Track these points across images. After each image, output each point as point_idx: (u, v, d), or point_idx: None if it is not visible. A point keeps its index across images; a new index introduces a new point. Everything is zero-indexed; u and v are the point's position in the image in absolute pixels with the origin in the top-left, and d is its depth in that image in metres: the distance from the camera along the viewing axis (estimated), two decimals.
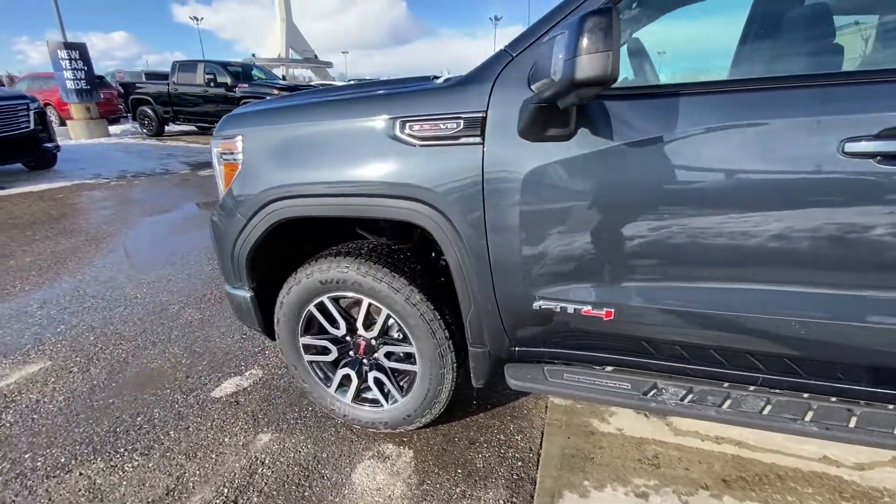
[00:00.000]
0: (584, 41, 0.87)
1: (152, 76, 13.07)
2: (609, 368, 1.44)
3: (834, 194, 1.03)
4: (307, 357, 1.76)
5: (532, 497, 1.48)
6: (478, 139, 1.24)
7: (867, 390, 1.20)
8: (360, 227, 1.95)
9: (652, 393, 1.35)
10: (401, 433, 1.77)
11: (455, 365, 1.56)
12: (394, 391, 1.68)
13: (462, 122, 1.25)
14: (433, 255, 1.91)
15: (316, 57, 65.31)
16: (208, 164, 8.03)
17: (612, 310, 1.26)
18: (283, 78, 14.80)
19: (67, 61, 10.19)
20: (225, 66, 10.33)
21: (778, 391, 1.27)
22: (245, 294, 1.74)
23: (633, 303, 1.25)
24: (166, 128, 11.75)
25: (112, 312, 2.79)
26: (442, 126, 1.27)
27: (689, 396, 1.32)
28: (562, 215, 1.22)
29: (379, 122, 1.34)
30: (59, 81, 10.41)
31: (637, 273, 1.23)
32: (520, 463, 1.63)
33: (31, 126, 6.46)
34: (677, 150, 1.11)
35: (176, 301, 2.94)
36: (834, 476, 1.52)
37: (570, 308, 1.30)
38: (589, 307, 1.28)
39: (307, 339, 1.74)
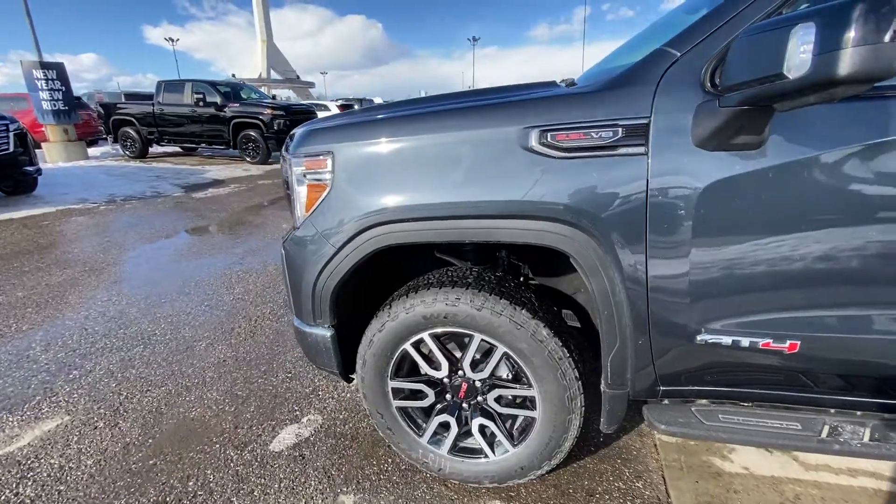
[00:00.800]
0: (855, 32, 0.72)
1: (133, 97, 12.63)
2: (753, 405, 1.27)
3: None
4: (396, 403, 1.53)
5: None
6: (641, 149, 1.07)
7: None
8: (439, 250, 1.76)
9: (828, 433, 1.18)
10: (505, 487, 1.54)
11: (584, 410, 1.36)
12: (504, 440, 1.46)
13: (621, 129, 1.08)
14: (523, 280, 1.73)
15: (298, 77, 65.09)
16: (203, 186, 7.69)
17: (798, 342, 1.10)
18: (273, 98, 14.52)
19: (44, 81, 9.71)
20: (214, 85, 10.03)
21: None
22: (325, 333, 1.51)
23: (822, 333, 1.09)
24: (150, 149, 11.29)
25: (130, 353, 2.48)
26: (594, 135, 1.10)
27: (870, 434, 1.16)
28: (745, 235, 1.06)
29: (510, 132, 1.16)
30: (35, 102, 9.89)
31: (831, 299, 1.07)
32: None
33: (11, 148, 6.03)
34: (885, 159, 0.97)
35: (202, 337, 2.65)
36: None
37: (746, 341, 1.12)
38: (770, 340, 1.11)
39: (398, 383, 1.51)
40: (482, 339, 1.36)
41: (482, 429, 1.49)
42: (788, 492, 1.48)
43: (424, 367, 1.47)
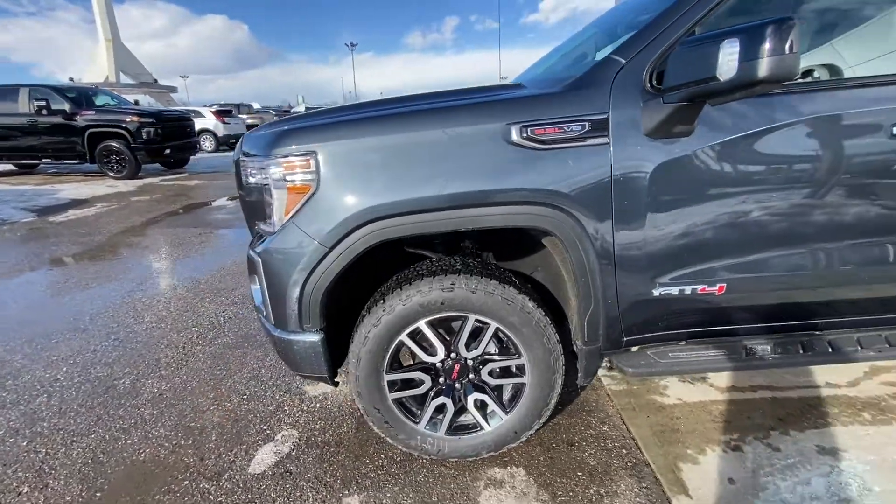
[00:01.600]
0: (769, 45, 1.00)
1: None
2: (693, 342, 1.59)
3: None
4: (392, 395, 1.57)
5: (656, 477, 1.55)
6: (604, 139, 1.29)
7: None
8: (408, 244, 1.82)
9: (748, 354, 1.54)
10: (500, 454, 1.67)
11: (564, 368, 1.56)
12: (497, 409, 1.59)
13: (588, 123, 1.29)
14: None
15: (156, 81, 57.18)
16: (60, 208, 6.47)
17: (725, 284, 1.42)
18: (136, 103, 12.67)
19: None
20: (59, 90, 8.43)
21: (836, 331, 1.57)
22: (313, 338, 1.48)
23: (741, 275, 1.42)
24: None
25: (33, 405, 2.07)
26: (566, 129, 1.29)
27: (776, 349, 1.54)
28: (683, 205, 1.34)
29: (495, 128, 1.30)
30: None
31: (745, 248, 1.40)
32: (625, 450, 1.68)
33: None
34: (777, 140, 1.32)
35: (121, 374, 2.31)
36: (843, 395, 1.91)
37: (688, 289, 1.42)
38: (705, 286, 1.42)
39: (393, 375, 1.55)
40: (476, 319, 1.47)
41: (476, 403, 1.60)
42: (715, 411, 1.86)
43: (420, 355, 1.53)
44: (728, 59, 1.06)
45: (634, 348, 1.57)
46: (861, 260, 1.45)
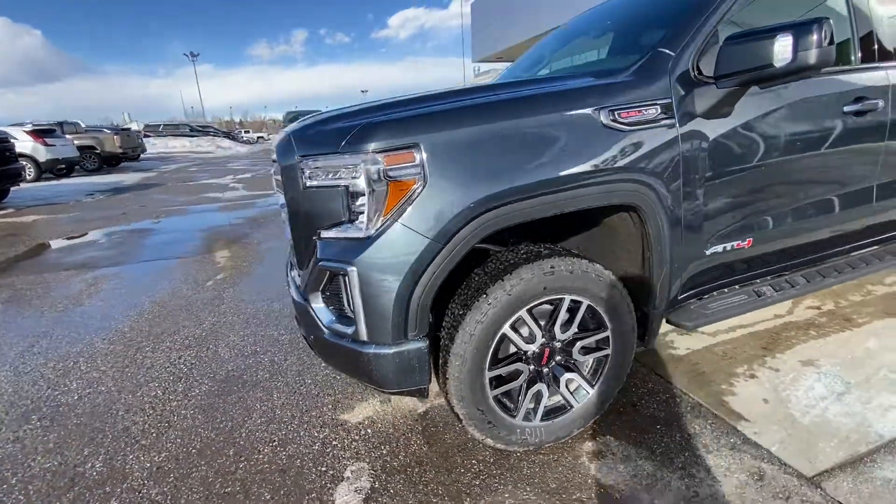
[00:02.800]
0: (816, 37, 1.27)
1: None
2: (724, 292, 1.89)
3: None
4: (493, 393, 1.52)
5: (713, 413, 1.79)
6: (672, 121, 1.47)
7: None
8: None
9: (758, 295, 1.88)
10: (588, 427, 1.74)
11: (636, 333, 1.70)
12: (584, 385, 1.66)
13: (659, 107, 1.45)
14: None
15: None
16: None
17: (752, 238, 1.72)
18: None
19: None
20: None
21: (821, 264, 2.01)
22: (419, 345, 1.37)
23: (764, 229, 1.74)
24: None
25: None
26: (644, 112, 1.44)
27: (778, 287, 1.91)
28: (728, 174, 1.59)
29: (589, 112, 1.38)
30: None
31: (766, 207, 1.72)
32: (677, 398, 1.89)
33: None
34: (786, 117, 1.66)
35: (80, 457, 1.76)
36: (790, 322, 2.44)
37: (729, 246, 1.69)
38: (739, 241, 1.70)
39: (495, 371, 1.50)
40: (571, 300, 1.52)
41: (568, 383, 1.64)
42: (717, 351, 2.21)
43: (520, 345, 1.52)
44: (783, 50, 1.32)
45: (685, 305, 1.79)
46: (836, 207, 1.90)
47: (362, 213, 1.30)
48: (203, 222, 6.33)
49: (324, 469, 1.66)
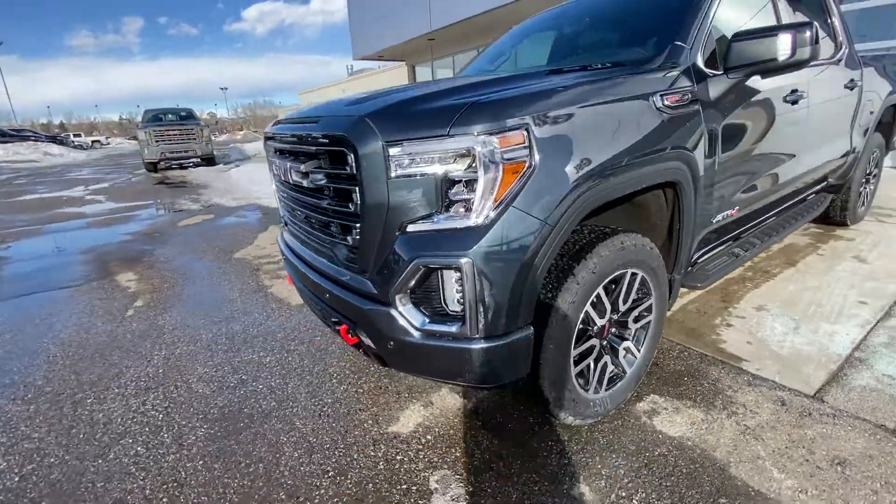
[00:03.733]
0: (809, 36, 1.56)
1: None
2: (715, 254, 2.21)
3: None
4: (575, 370, 1.56)
5: (717, 358, 2.07)
6: (697, 105, 1.67)
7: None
8: None
9: (736, 255, 2.23)
10: (640, 385, 1.87)
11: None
12: (634, 351, 1.79)
13: (688, 93, 1.64)
14: None
15: None
16: None
17: (738, 208, 2.04)
18: None
19: None
20: None
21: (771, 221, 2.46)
22: (527, 333, 1.35)
23: (743, 198, 2.06)
24: None
25: None
26: (679, 97, 1.61)
27: (746, 248, 2.29)
28: (732, 152, 1.86)
29: (644, 98, 1.50)
30: None
31: (749, 177, 2.05)
32: (685, 352, 2.15)
33: None
34: (757, 108, 1.98)
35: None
36: (733, 277, 2.93)
37: (726, 214, 1.97)
38: (731, 210, 2.00)
39: (578, 349, 1.54)
40: (631, 273, 1.63)
41: (620, 352, 1.76)
42: (692, 309, 2.56)
43: (597, 320, 1.58)
44: (784, 47, 1.59)
45: (691, 269, 2.05)
46: (780, 175, 2.34)
47: (469, 199, 1.22)
48: (78, 242, 5.14)
49: (405, 487, 1.52)
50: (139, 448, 1.77)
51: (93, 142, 40.50)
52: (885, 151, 3.82)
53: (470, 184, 1.23)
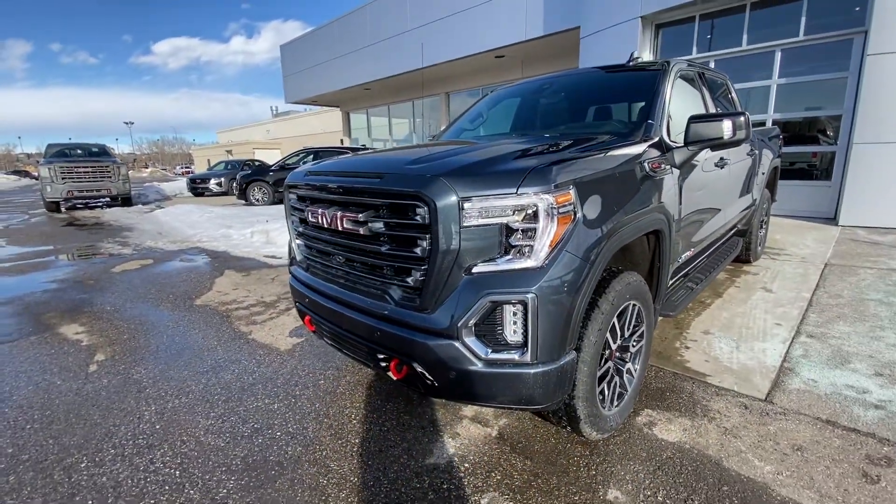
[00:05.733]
0: (744, 121, 2.10)
1: None
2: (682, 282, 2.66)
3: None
4: (597, 389, 1.82)
5: (686, 375, 2.47)
6: (670, 170, 2.12)
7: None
8: None
9: (691, 288, 2.71)
10: (631, 410, 2.17)
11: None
12: (633, 370, 2.10)
13: (665, 161, 2.09)
14: None
15: None
16: None
17: (694, 249, 2.51)
18: None
19: None
20: None
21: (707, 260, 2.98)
22: (572, 357, 1.59)
23: (696, 240, 2.55)
24: None
25: None
26: (658, 164, 2.04)
27: (696, 280, 2.79)
28: (689, 204, 2.34)
29: (639, 164, 1.90)
30: None
31: (700, 223, 2.54)
32: (660, 372, 2.52)
33: None
34: (703, 171, 2.51)
35: None
36: None
37: (686, 254, 2.44)
38: (689, 252, 2.47)
39: (600, 371, 1.81)
40: (633, 304, 1.96)
41: (623, 372, 2.06)
42: (654, 335, 2.99)
43: (611, 344, 1.87)
44: (727, 129, 2.11)
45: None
46: (719, 220, 2.89)
47: (526, 245, 1.48)
48: None
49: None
50: None
51: None
52: (770, 203, 4.80)
53: (527, 232, 1.49)
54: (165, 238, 7.37)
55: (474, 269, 1.51)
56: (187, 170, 51.73)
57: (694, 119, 2.21)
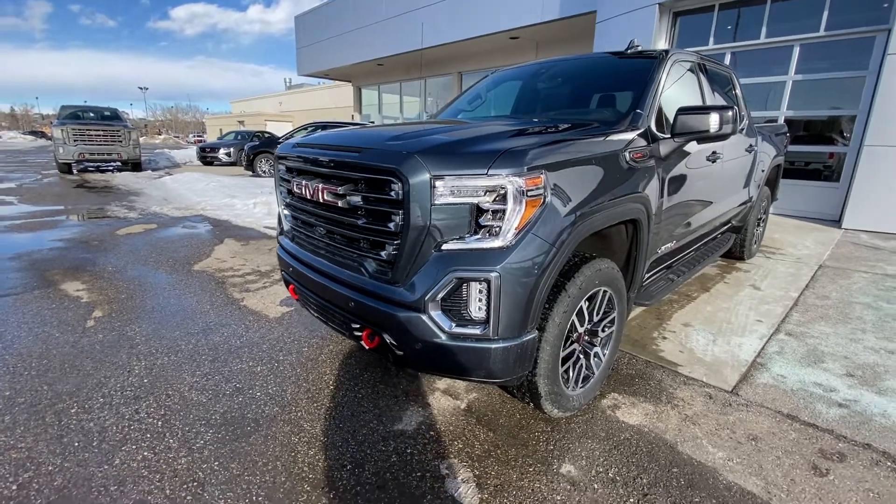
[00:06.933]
0: (731, 115, 2.09)
1: None
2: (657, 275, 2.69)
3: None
4: (561, 369, 1.88)
5: (658, 364, 2.53)
6: (653, 161, 2.14)
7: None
8: None
9: (671, 280, 2.74)
10: (598, 393, 2.24)
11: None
12: (601, 354, 2.16)
13: (648, 151, 2.10)
14: None
15: None
16: None
17: (676, 241, 2.54)
18: None
19: None
20: None
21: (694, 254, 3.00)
22: (533, 336, 1.65)
23: (679, 233, 2.57)
24: None
25: None
26: (641, 154, 2.06)
27: (678, 273, 2.82)
28: (673, 197, 2.35)
29: (620, 153, 1.92)
30: None
31: (684, 216, 2.56)
32: (634, 359, 2.58)
33: None
34: (691, 164, 2.52)
35: None
36: (664, 300, 3.48)
37: (666, 246, 2.46)
38: (670, 244, 2.49)
39: (564, 352, 1.87)
40: (603, 290, 2.01)
41: (591, 356, 2.12)
42: (633, 324, 3.04)
43: (579, 328, 1.93)
44: (714, 122, 2.11)
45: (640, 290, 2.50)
46: (705, 215, 2.90)
47: (495, 226, 1.52)
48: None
49: (419, 474, 1.72)
50: (146, 453, 1.78)
51: None
52: (770, 201, 4.75)
53: (496, 213, 1.53)
54: (171, 204, 7.49)
55: (444, 246, 1.56)
56: (199, 138, 51.79)
57: (682, 111, 2.20)
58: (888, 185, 5.65)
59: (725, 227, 3.86)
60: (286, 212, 2.28)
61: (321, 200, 1.84)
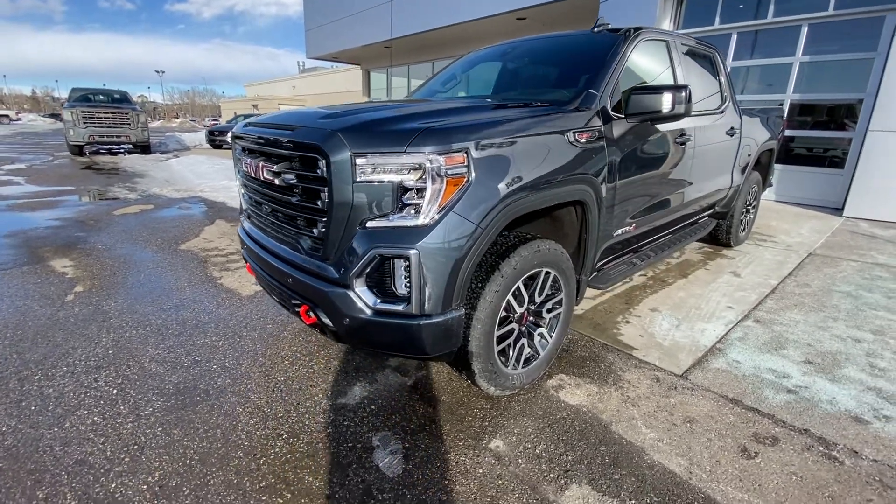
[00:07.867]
0: (685, 96, 2.05)
1: None
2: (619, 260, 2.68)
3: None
4: (497, 349, 1.91)
5: (614, 347, 2.53)
6: (602, 142, 2.11)
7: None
8: None
9: (633, 264, 2.72)
10: (551, 367, 2.26)
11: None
12: (547, 337, 2.18)
13: (596, 132, 2.07)
14: None
15: None
16: None
17: (635, 224, 2.51)
18: None
19: None
20: None
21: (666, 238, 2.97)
22: (459, 313, 1.68)
23: (639, 217, 2.55)
24: None
25: None
26: (589, 135, 2.03)
27: (642, 258, 2.80)
28: (629, 177, 2.32)
29: (563, 133, 1.90)
30: None
31: (643, 200, 2.53)
32: (590, 342, 2.59)
33: None
34: (656, 142, 2.47)
35: None
36: (637, 285, 3.46)
37: (625, 229, 2.44)
38: (629, 227, 2.47)
39: (500, 331, 1.89)
40: (545, 271, 2.02)
41: (539, 335, 2.13)
42: (600, 308, 3.03)
43: (517, 308, 1.94)
44: (667, 102, 2.07)
45: (596, 273, 2.50)
46: (672, 200, 2.86)
47: (418, 204, 1.53)
48: None
49: (350, 445, 1.78)
50: (96, 418, 1.88)
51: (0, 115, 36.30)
52: (762, 187, 4.63)
53: (420, 191, 1.54)
54: (171, 186, 7.64)
55: (368, 224, 1.58)
56: (215, 121, 52.30)
57: (634, 90, 2.16)
58: (891, 171, 5.44)
59: (707, 213, 3.79)
60: (242, 191, 2.33)
61: (262, 179, 1.88)
